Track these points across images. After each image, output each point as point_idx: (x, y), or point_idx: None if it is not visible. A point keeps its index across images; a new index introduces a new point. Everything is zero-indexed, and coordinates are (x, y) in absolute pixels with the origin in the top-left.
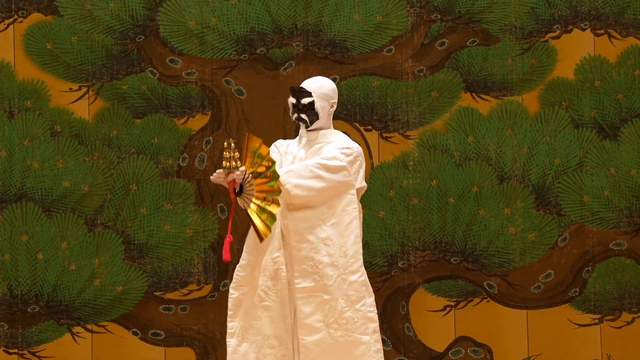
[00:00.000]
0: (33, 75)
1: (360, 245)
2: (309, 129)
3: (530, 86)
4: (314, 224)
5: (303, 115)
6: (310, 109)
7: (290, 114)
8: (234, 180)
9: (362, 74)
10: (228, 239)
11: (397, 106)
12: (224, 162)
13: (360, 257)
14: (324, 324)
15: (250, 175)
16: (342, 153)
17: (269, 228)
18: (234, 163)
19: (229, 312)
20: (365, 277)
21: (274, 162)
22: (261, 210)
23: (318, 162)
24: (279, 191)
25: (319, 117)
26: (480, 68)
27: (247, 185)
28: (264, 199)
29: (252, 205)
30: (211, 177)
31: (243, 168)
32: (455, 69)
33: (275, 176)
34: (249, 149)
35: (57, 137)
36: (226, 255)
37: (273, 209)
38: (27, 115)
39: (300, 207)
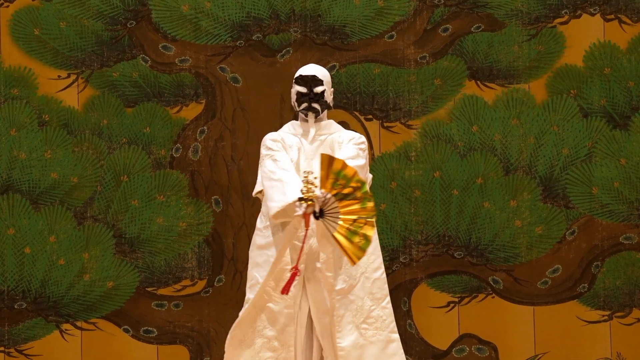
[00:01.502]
0: (20, 62)
1: (378, 241)
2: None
3: (538, 74)
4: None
5: (315, 105)
6: (321, 97)
7: (296, 104)
8: (307, 213)
9: (363, 61)
10: (295, 272)
11: (398, 94)
12: (304, 194)
13: (380, 253)
14: (354, 325)
15: (334, 197)
16: (359, 149)
17: (362, 250)
18: (312, 194)
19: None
20: (385, 274)
21: (363, 183)
22: (352, 233)
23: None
24: (373, 212)
25: (328, 106)
26: (485, 55)
27: (330, 208)
28: (354, 222)
29: (338, 228)
30: (297, 213)
31: (322, 191)
32: (459, 56)
33: (368, 197)
34: (330, 171)
35: (45, 127)
36: (287, 289)
37: (367, 230)
38: (13, 104)
39: None
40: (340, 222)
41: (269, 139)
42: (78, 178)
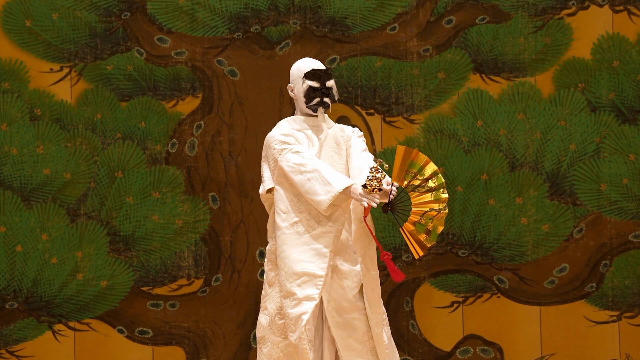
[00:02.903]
0: (11, 55)
1: None
2: (310, 114)
3: (544, 67)
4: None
5: (327, 99)
6: (331, 91)
7: (305, 98)
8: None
9: (364, 53)
10: (387, 256)
11: (401, 88)
12: (369, 182)
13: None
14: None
15: (404, 190)
16: (363, 141)
17: (427, 244)
18: (376, 183)
19: None
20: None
21: (437, 173)
22: (420, 226)
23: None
24: (445, 204)
25: (335, 100)
26: (490, 47)
27: (400, 201)
28: (424, 214)
29: (408, 221)
30: (363, 200)
31: (395, 184)
32: (463, 49)
33: (442, 187)
34: (403, 162)
35: (37, 121)
36: (398, 275)
37: (437, 224)
38: (4, 98)
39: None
40: (412, 216)
41: (279, 134)
42: (71, 174)
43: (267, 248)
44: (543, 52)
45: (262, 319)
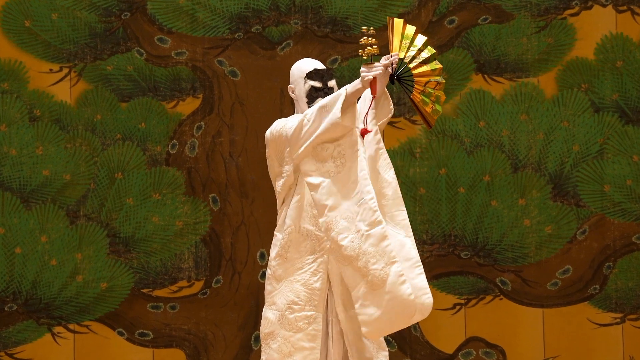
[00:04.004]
0: (10, 55)
1: None
2: None
3: (547, 67)
4: None
5: None
6: (334, 91)
7: (307, 99)
8: (375, 78)
9: None
10: (366, 131)
11: (402, 89)
12: (365, 55)
13: None
14: None
15: (405, 61)
16: None
17: (437, 112)
18: (370, 48)
19: None
20: None
21: (427, 43)
22: (426, 95)
23: None
24: (441, 74)
25: None
26: (492, 48)
27: (403, 71)
28: (426, 84)
29: (414, 92)
30: (365, 74)
31: (395, 53)
32: (465, 49)
33: (434, 57)
34: (396, 32)
35: (37, 122)
36: (375, 90)
37: (439, 92)
38: (3, 99)
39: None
40: (416, 85)
41: (277, 120)
42: (71, 175)
43: (273, 243)
44: (546, 53)
45: (270, 314)
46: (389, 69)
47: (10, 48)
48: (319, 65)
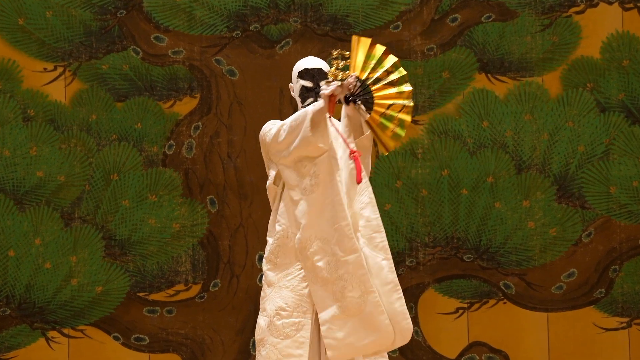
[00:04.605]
0: (3, 54)
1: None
2: None
3: (552, 66)
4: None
5: None
6: None
7: (299, 98)
8: (335, 96)
9: None
10: (356, 154)
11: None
12: (331, 75)
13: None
14: None
15: (366, 82)
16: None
17: (397, 136)
18: (341, 73)
19: None
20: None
21: (399, 65)
22: (387, 118)
23: None
24: (410, 98)
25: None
26: (496, 46)
27: (363, 92)
28: (389, 107)
29: (372, 114)
30: (323, 91)
31: (355, 74)
32: (468, 47)
33: (404, 81)
34: (362, 53)
35: (30, 122)
36: (360, 176)
37: (404, 116)
38: None
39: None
40: (376, 107)
41: (268, 122)
42: (65, 177)
43: (266, 248)
44: (551, 51)
45: (261, 320)
46: (349, 88)
47: (4, 47)
48: (314, 64)
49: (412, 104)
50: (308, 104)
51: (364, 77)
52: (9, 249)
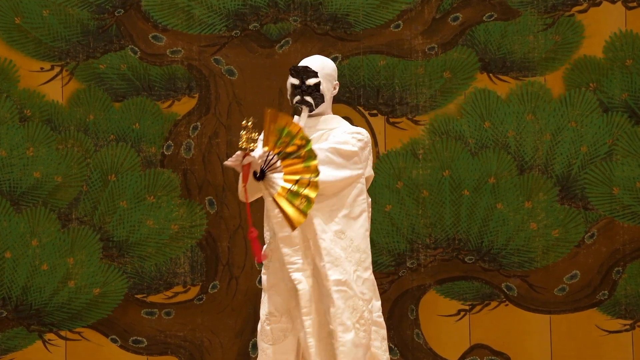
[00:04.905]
0: (0, 53)
1: (369, 240)
2: (311, 113)
3: (554, 66)
4: (326, 216)
5: (308, 98)
6: (315, 90)
7: (290, 97)
8: (249, 165)
9: (367, 52)
10: (252, 234)
11: (405, 88)
12: (242, 144)
13: (370, 253)
14: (352, 323)
15: (276, 156)
16: (353, 137)
17: (303, 214)
18: (252, 145)
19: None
20: (373, 276)
21: (309, 141)
22: (293, 194)
23: (331, 147)
24: (316, 172)
25: (325, 100)
26: (498, 45)
27: (272, 167)
28: (297, 182)
29: (280, 190)
30: (226, 162)
31: (265, 149)
32: (470, 47)
33: (312, 155)
34: (274, 128)
35: (27, 122)
36: (259, 256)
37: (310, 192)
38: None
39: None
40: (283, 183)
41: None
42: (62, 177)
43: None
44: (553, 51)
45: (258, 325)
46: (259, 162)
47: (0, 46)
48: (303, 62)
49: (317, 178)
50: (295, 103)
51: (275, 152)
52: (5, 251)
